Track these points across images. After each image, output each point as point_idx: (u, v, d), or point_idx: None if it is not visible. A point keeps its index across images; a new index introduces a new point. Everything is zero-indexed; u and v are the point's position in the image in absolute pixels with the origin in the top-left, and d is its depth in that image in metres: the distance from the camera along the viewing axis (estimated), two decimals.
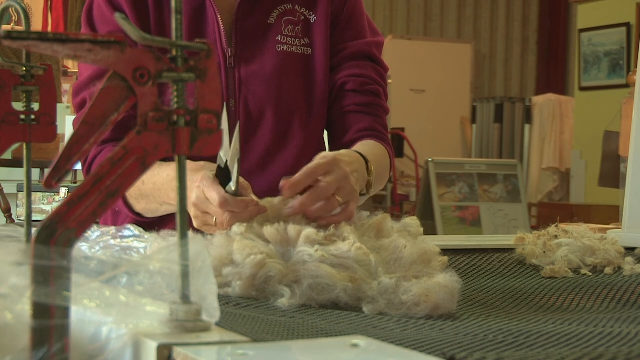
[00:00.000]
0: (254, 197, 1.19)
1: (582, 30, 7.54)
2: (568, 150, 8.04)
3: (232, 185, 1.19)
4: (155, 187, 1.41)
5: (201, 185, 1.21)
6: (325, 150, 1.67)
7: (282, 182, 1.19)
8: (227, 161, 1.18)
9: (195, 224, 1.24)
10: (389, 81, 1.80)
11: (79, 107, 1.58)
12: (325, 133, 1.68)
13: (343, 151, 1.35)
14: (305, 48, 1.60)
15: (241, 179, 1.20)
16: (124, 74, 0.69)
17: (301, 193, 1.18)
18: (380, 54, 1.69)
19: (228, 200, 1.17)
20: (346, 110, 1.62)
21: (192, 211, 1.23)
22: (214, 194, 1.18)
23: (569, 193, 8.01)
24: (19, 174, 3.25)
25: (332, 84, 1.63)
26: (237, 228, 1.12)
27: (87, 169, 1.58)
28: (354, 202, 1.23)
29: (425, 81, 8.61)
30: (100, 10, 1.58)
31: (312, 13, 1.61)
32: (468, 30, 9.42)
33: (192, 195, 1.21)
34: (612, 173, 4.02)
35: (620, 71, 7.25)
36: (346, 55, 1.63)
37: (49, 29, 5.67)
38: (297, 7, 1.61)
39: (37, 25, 5.58)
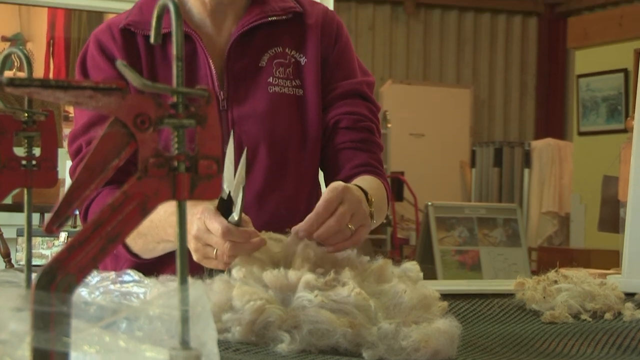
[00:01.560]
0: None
1: (580, 76, 7.59)
2: (567, 194, 8.05)
3: (234, 216, 1.19)
4: (152, 225, 1.42)
5: (202, 217, 1.22)
6: (319, 188, 1.69)
7: (295, 230, 1.21)
8: (230, 192, 1.19)
9: (195, 257, 1.25)
10: (388, 125, 1.82)
11: (74, 154, 1.60)
12: (321, 172, 1.70)
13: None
14: (297, 89, 1.62)
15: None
16: (125, 120, 0.69)
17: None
18: (371, 93, 1.71)
19: (231, 230, 1.18)
20: (341, 148, 1.63)
21: (192, 244, 1.24)
22: (216, 224, 1.19)
23: (568, 237, 8.00)
24: (19, 218, 3.25)
25: (325, 122, 1.64)
26: (236, 273, 1.12)
27: (84, 212, 1.58)
28: (366, 227, 1.28)
29: (425, 125, 8.64)
30: (93, 59, 1.61)
31: (302, 55, 1.64)
32: (467, 75, 9.48)
33: (193, 228, 1.22)
34: (612, 218, 4.02)
35: (618, 116, 7.28)
36: (338, 95, 1.65)
37: (51, 74, 5.71)
38: (287, 49, 1.63)
39: (38, 71, 5.61)
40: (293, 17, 1.65)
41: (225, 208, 1.21)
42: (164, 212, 1.39)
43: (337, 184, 1.29)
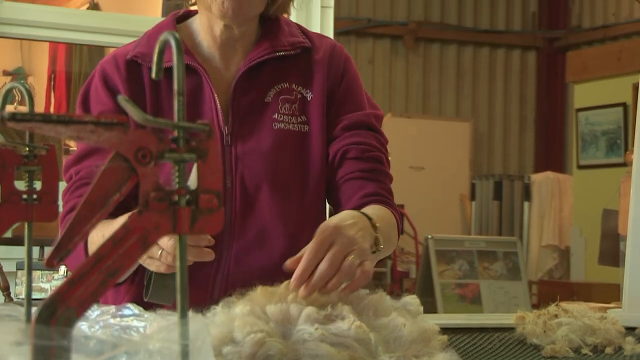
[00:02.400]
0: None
1: (579, 110, 7.61)
2: (567, 227, 8.04)
3: None
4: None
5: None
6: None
7: (288, 263, 1.20)
8: None
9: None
10: (388, 158, 1.81)
11: (67, 182, 1.61)
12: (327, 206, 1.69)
13: (343, 213, 1.36)
14: (302, 125, 1.61)
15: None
16: (126, 155, 0.70)
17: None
18: (379, 125, 1.70)
19: None
20: (349, 178, 1.61)
21: None
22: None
23: (569, 270, 7.98)
24: (19, 252, 3.24)
25: (333, 153, 1.63)
26: (239, 309, 1.11)
27: (63, 216, 1.57)
28: (369, 261, 1.24)
29: (425, 158, 8.66)
30: (96, 91, 1.61)
31: (308, 90, 1.63)
32: (466, 109, 9.51)
33: None
34: (612, 251, 4.01)
35: (617, 150, 7.29)
36: (345, 126, 1.64)
37: (52, 108, 5.73)
38: (293, 85, 1.62)
39: (39, 104, 5.63)
40: (301, 52, 1.64)
41: None
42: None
43: (327, 225, 1.26)
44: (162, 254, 1.25)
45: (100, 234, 1.43)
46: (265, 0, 1.60)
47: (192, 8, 1.71)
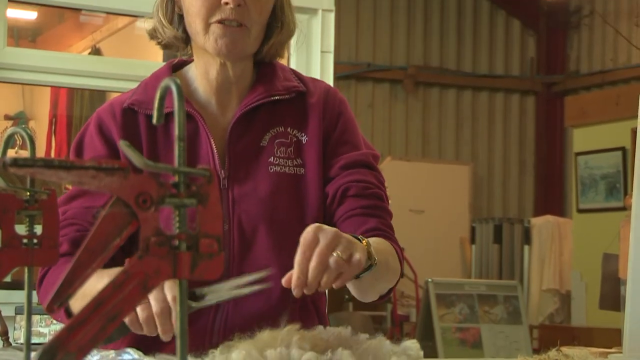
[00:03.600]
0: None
1: (578, 154, 7.63)
2: (568, 271, 8.02)
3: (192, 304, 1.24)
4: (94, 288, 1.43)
5: (170, 283, 1.27)
6: None
7: (284, 281, 1.26)
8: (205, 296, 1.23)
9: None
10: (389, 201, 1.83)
11: None
12: None
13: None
14: (298, 168, 1.63)
15: None
16: (127, 200, 0.70)
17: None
18: (377, 164, 1.71)
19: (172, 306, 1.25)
20: (350, 215, 1.62)
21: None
22: (173, 291, 1.25)
23: (570, 315, 7.95)
24: (17, 296, 3.23)
25: (332, 191, 1.64)
26: (237, 354, 1.11)
27: (39, 279, 1.58)
28: (358, 251, 1.28)
29: (425, 202, 8.66)
30: (91, 138, 1.63)
31: (303, 134, 1.65)
32: (466, 152, 9.53)
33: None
34: (613, 295, 4.00)
35: (617, 194, 7.30)
36: (343, 165, 1.65)
37: (52, 152, 5.75)
38: (288, 129, 1.64)
39: (40, 148, 5.65)
40: (296, 96, 1.66)
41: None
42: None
43: (309, 227, 1.30)
44: (145, 313, 1.30)
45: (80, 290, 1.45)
46: (259, 39, 1.62)
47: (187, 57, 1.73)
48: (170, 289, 1.30)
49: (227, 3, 1.54)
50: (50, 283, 1.56)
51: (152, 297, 1.31)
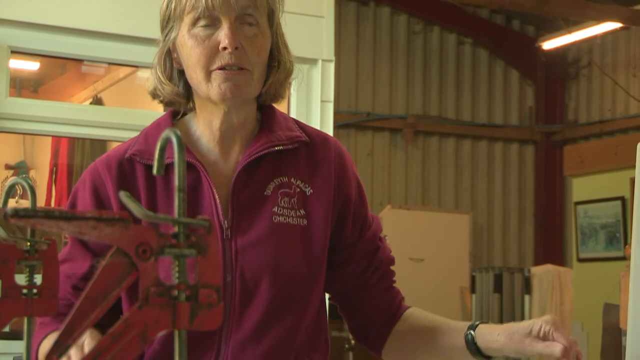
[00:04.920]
0: None
1: (577, 203, 7.64)
2: (569, 321, 7.98)
3: None
4: None
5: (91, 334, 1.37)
6: (324, 312, 1.69)
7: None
8: None
9: None
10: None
11: None
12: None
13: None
14: (301, 219, 1.63)
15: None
16: (127, 250, 0.70)
17: None
18: (380, 231, 1.76)
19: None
20: (388, 287, 1.78)
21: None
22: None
23: None
24: (16, 346, 3.21)
25: (368, 261, 1.73)
26: None
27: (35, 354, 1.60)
28: None
29: (424, 250, 8.64)
30: (83, 192, 1.63)
31: (307, 185, 1.65)
32: (465, 201, 9.54)
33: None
34: (614, 346, 3.98)
35: (617, 243, 7.29)
36: (372, 236, 1.73)
37: (52, 201, 5.75)
38: (292, 179, 1.64)
39: (41, 197, 5.65)
40: (299, 146, 1.66)
41: None
42: None
43: (548, 319, 1.59)
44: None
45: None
46: (261, 81, 1.63)
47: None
48: (88, 345, 1.35)
49: (225, 48, 1.55)
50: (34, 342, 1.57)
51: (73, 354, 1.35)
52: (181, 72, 1.64)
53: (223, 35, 1.55)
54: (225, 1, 1.56)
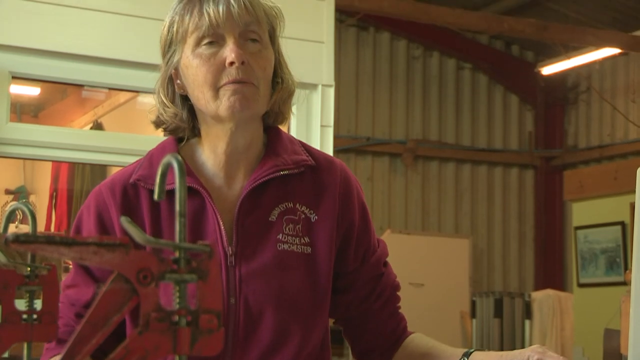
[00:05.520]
0: None
1: (577, 228, 7.63)
2: (570, 347, 7.95)
3: None
4: None
5: None
6: (328, 337, 1.68)
7: None
8: None
9: None
10: None
11: None
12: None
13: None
14: (305, 247, 1.61)
15: None
16: (128, 275, 0.70)
17: None
18: (386, 256, 1.76)
19: None
20: (393, 312, 1.78)
21: None
22: None
23: None
24: None
25: (372, 286, 1.71)
26: None
27: None
28: None
29: (424, 275, 8.63)
30: (88, 216, 1.62)
31: (312, 212, 1.63)
32: (465, 226, 9.54)
33: None
34: None
35: (617, 268, 7.28)
36: (376, 261, 1.72)
37: (52, 226, 5.75)
38: (297, 205, 1.62)
39: (40, 222, 5.65)
40: (305, 170, 1.64)
41: None
42: None
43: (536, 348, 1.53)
44: None
45: None
46: (267, 98, 1.61)
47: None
48: None
49: (232, 63, 1.54)
50: None
51: None
52: (184, 98, 1.64)
53: (229, 51, 1.55)
54: (228, 18, 1.55)
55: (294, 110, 1.74)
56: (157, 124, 1.67)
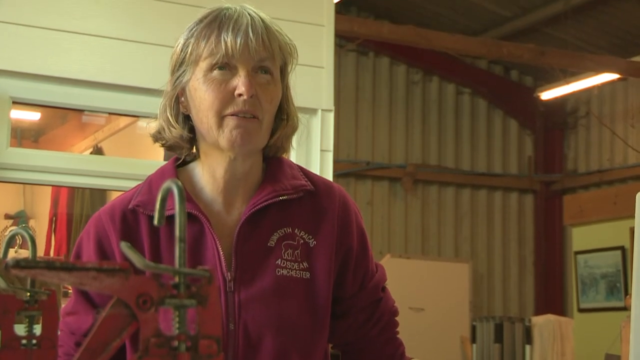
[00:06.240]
0: None
1: (577, 253, 7.62)
2: None
3: None
4: None
5: None
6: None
7: None
8: None
9: None
10: None
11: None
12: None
13: None
14: (304, 272, 1.60)
15: None
16: (128, 301, 0.70)
17: None
18: (384, 281, 1.75)
19: None
20: (391, 338, 1.77)
21: None
22: None
23: None
24: None
25: (370, 312, 1.71)
26: None
27: None
28: None
29: (424, 300, 8.61)
30: (88, 242, 1.62)
31: (311, 237, 1.62)
32: (465, 250, 9.53)
33: None
34: None
35: (617, 293, 7.26)
36: (374, 287, 1.72)
37: (52, 250, 5.74)
38: (296, 230, 1.62)
39: (40, 247, 5.64)
40: (304, 195, 1.64)
41: None
42: None
43: None
44: None
45: None
46: (269, 131, 1.61)
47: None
48: None
49: (240, 95, 1.54)
50: None
51: None
52: (186, 117, 1.64)
53: (240, 83, 1.54)
54: (245, 51, 1.55)
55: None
56: (156, 138, 1.67)
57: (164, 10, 3.36)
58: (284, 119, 1.65)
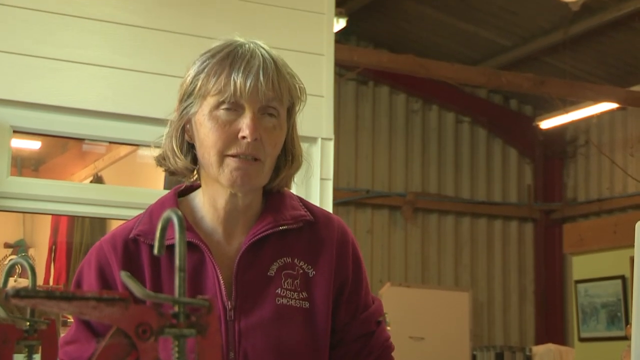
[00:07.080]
0: None
1: (578, 282, 7.61)
2: None
3: None
4: None
5: None
6: None
7: None
8: None
9: None
10: (388, 328, 1.88)
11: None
12: None
13: None
14: (303, 302, 1.61)
15: None
16: (127, 330, 0.70)
17: None
18: (379, 315, 1.74)
19: None
20: None
21: None
22: None
23: None
24: None
25: (362, 344, 1.68)
26: None
27: None
28: None
29: (424, 328, 8.58)
30: (89, 271, 1.62)
31: (311, 267, 1.63)
32: (465, 279, 9.51)
33: None
34: None
35: (618, 323, 7.24)
36: (352, 339, 1.69)
37: (51, 279, 5.73)
38: (295, 260, 1.63)
39: (39, 275, 5.63)
40: (304, 226, 1.65)
41: None
42: None
43: None
44: None
45: None
46: (271, 171, 1.62)
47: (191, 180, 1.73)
48: None
49: (244, 137, 1.54)
50: None
51: None
52: (191, 145, 1.64)
53: (245, 125, 1.54)
54: (253, 92, 1.55)
55: None
56: (160, 164, 1.67)
57: (164, 40, 3.37)
58: (288, 159, 1.66)
